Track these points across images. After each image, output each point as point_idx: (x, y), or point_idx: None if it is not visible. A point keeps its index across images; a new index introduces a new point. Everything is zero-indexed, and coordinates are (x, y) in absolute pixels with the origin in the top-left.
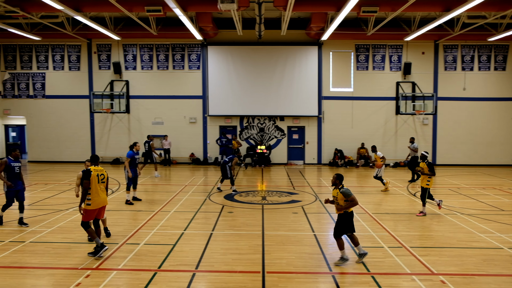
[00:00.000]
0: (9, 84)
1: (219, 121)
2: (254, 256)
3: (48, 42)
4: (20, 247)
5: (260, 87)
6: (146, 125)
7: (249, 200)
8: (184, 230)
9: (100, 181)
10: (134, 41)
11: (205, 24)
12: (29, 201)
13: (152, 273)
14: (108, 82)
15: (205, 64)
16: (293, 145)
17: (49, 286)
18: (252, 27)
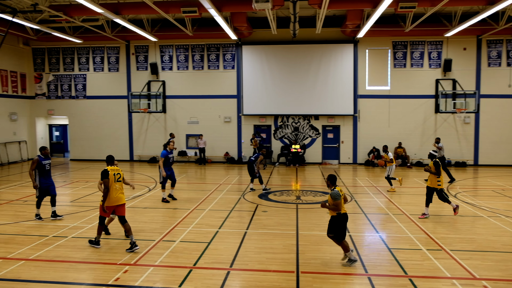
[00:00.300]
0: (53, 86)
1: (253, 120)
2: (288, 256)
3: (89, 45)
4: (62, 242)
5: (294, 86)
6: (181, 124)
7: (283, 199)
8: (218, 229)
9: (116, 180)
10: (171, 42)
11: (239, 24)
12: (71, 197)
13: (187, 270)
14: (146, 83)
15: (239, 63)
16: (328, 144)
17: (90, 280)
18: (286, 26)
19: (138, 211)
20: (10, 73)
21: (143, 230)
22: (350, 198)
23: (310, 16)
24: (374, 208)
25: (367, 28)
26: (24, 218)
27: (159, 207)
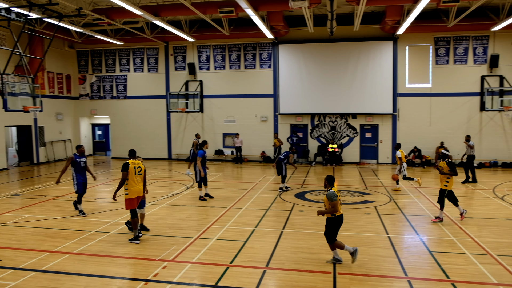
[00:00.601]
0: (96, 86)
1: (290, 120)
2: (325, 256)
3: (129, 46)
4: (104, 237)
5: (331, 84)
6: (218, 123)
7: (320, 199)
8: (255, 227)
9: (137, 173)
10: (208, 42)
11: (276, 22)
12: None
13: (224, 267)
14: (183, 83)
15: (276, 62)
16: (366, 143)
17: (130, 275)
18: (323, 24)
19: (176, 209)
20: (56, 75)
21: (181, 227)
22: (389, 198)
23: (347, 13)
24: (415, 209)
25: (407, 24)
26: (69, 214)
27: (196, 205)
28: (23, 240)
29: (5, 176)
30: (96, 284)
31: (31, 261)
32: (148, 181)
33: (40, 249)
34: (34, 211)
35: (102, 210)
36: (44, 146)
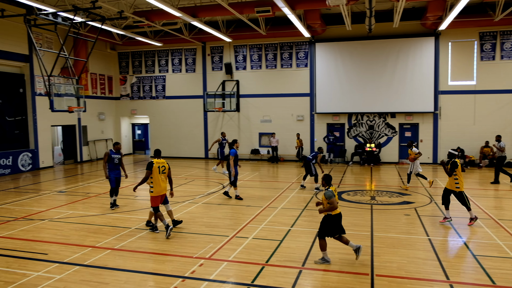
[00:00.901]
0: (136, 87)
1: (326, 119)
2: (362, 258)
3: (168, 48)
4: (143, 234)
5: (369, 83)
6: (255, 123)
7: (357, 199)
8: (291, 227)
9: (161, 172)
10: (244, 42)
11: (313, 21)
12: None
13: (260, 266)
14: (220, 82)
15: (312, 61)
16: (405, 143)
17: (168, 271)
18: (361, 21)
19: (212, 207)
20: (99, 76)
21: (217, 225)
22: (430, 199)
23: (386, 9)
24: (457, 211)
25: (450, 19)
26: (110, 211)
27: (232, 204)
28: (68, 235)
29: (51, 173)
30: (135, 280)
31: (75, 255)
32: (185, 180)
33: (83, 244)
34: (77, 207)
35: (142, 208)
36: (87, 145)
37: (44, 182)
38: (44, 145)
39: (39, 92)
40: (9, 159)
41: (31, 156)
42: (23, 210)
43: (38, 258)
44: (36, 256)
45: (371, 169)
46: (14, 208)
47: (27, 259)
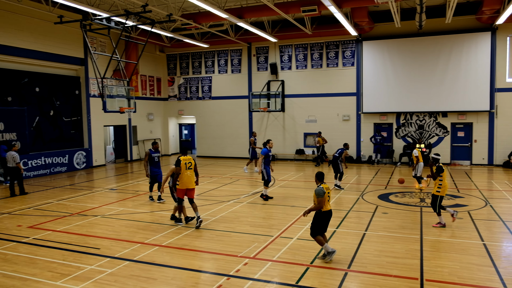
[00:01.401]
0: (183, 88)
1: (373, 119)
2: (411, 261)
3: (214, 49)
4: (190, 232)
5: (419, 81)
6: (300, 123)
7: (406, 201)
8: (336, 228)
9: (187, 167)
10: (290, 42)
11: (360, 19)
12: (197, 191)
13: (304, 267)
14: (265, 83)
15: (359, 60)
16: (458, 143)
17: (213, 269)
18: (411, 18)
19: (257, 207)
20: (148, 78)
21: (261, 225)
22: (485, 202)
23: (438, 5)
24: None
25: (508, 13)
26: (158, 208)
27: (276, 204)
28: (118, 231)
29: (103, 171)
30: (182, 276)
31: (125, 251)
32: (230, 179)
33: (132, 240)
34: (127, 204)
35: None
36: (136, 144)
37: (96, 180)
38: (97, 144)
39: (93, 93)
40: (65, 158)
41: (85, 154)
42: (77, 206)
43: (91, 252)
44: (90, 251)
45: None
46: (69, 204)
47: (81, 253)
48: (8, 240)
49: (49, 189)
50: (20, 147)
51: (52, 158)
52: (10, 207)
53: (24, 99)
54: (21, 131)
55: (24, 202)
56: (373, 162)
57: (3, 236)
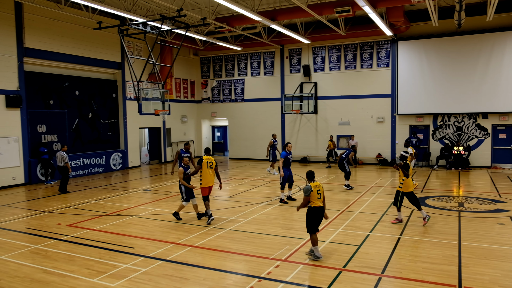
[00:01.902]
0: (216, 90)
1: (409, 120)
2: (449, 268)
3: (247, 51)
4: (222, 233)
5: (458, 81)
6: (332, 125)
7: (443, 205)
8: (369, 232)
9: (209, 167)
10: (323, 43)
11: (396, 19)
12: (229, 193)
13: (336, 271)
14: (298, 85)
15: (394, 60)
16: (499, 146)
17: (245, 270)
18: (449, 16)
19: (289, 209)
20: (182, 81)
21: (293, 228)
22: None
23: (478, 2)
24: None
25: None
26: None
27: None
28: (152, 231)
29: (138, 172)
30: (214, 277)
31: (158, 250)
32: (262, 182)
33: (166, 240)
34: (161, 205)
35: (220, 208)
36: (170, 146)
37: (132, 181)
38: (132, 146)
39: (129, 96)
40: (102, 159)
41: (121, 156)
42: (114, 206)
43: (126, 251)
44: (125, 249)
45: (459, 173)
46: (106, 203)
47: (117, 251)
48: (49, 237)
49: (87, 189)
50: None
51: (90, 159)
52: (51, 206)
53: (65, 102)
54: (61, 133)
55: (64, 201)
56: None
57: (44, 234)
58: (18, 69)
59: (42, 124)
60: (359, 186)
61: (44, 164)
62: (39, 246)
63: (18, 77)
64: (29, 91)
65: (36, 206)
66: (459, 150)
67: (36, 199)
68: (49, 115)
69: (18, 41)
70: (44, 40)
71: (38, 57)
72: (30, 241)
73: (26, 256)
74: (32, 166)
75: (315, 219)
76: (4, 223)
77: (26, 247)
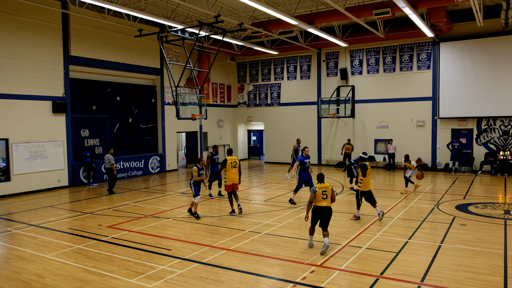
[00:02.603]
0: (252, 95)
1: (451, 124)
2: (493, 278)
3: (283, 56)
4: (257, 237)
5: (504, 83)
6: (370, 129)
7: (487, 213)
8: (408, 239)
9: (232, 166)
10: (361, 46)
11: (437, 19)
12: (265, 197)
13: (374, 278)
14: (335, 88)
15: (436, 62)
16: None
17: (279, 275)
18: (495, 16)
19: None
20: (219, 86)
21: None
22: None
23: None
24: None
25: None
26: (226, 213)
27: (345, 212)
28: (188, 233)
29: (175, 176)
30: (248, 281)
31: (194, 253)
32: None
33: (201, 243)
34: (198, 208)
35: (256, 212)
36: (207, 150)
37: (169, 184)
38: (170, 150)
39: (168, 101)
40: (141, 162)
41: (159, 159)
42: (151, 208)
43: (163, 253)
44: (162, 251)
45: (505, 179)
46: (144, 206)
47: (154, 253)
48: (90, 238)
49: (126, 192)
50: (102, 151)
51: (129, 163)
52: (92, 208)
53: (106, 108)
54: (103, 137)
55: (105, 203)
56: (450, 170)
57: (86, 234)
58: (64, 77)
59: (85, 128)
60: (397, 192)
61: (87, 167)
62: (81, 246)
63: (64, 84)
64: (73, 97)
65: (78, 207)
66: (506, 155)
67: (78, 200)
68: (91, 120)
69: (65, 50)
70: (88, 48)
71: (83, 65)
72: (72, 241)
73: (69, 256)
74: (75, 169)
75: (315, 216)
76: (49, 223)
77: (69, 247)
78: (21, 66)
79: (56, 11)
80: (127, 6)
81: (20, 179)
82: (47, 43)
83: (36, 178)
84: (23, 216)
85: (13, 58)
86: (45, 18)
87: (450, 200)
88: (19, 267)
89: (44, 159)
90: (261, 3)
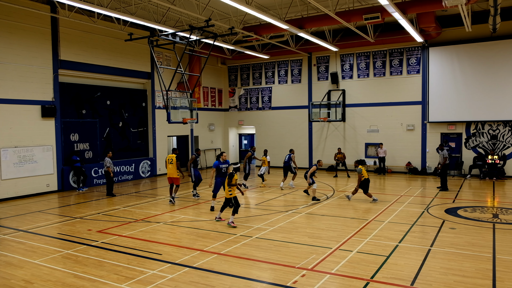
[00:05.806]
0: (243, 99)
1: (440, 128)
2: (482, 282)
3: (274, 60)
4: (248, 241)
5: (492, 88)
6: (361, 133)
7: (476, 216)
8: (398, 243)
9: (169, 162)
10: (351, 50)
11: (426, 24)
12: (256, 201)
13: (364, 282)
14: (326, 92)
15: (425, 67)
16: None
17: (271, 279)
18: (483, 21)
19: (316, 218)
20: (210, 89)
21: (320, 237)
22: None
23: None
24: None
25: None
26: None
27: (336, 215)
28: (179, 238)
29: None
30: (239, 285)
31: (185, 257)
32: (289, 190)
33: (192, 247)
34: (188, 212)
35: (247, 216)
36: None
37: (160, 188)
38: (161, 154)
39: (158, 105)
40: (132, 166)
41: (150, 163)
42: (142, 212)
43: (153, 258)
44: (152, 256)
45: (493, 183)
46: (135, 210)
47: (144, 258)
48: (80, 243)
49: (116, 196)
50: (92, 156)
51: (120, 167)
52: (82, 212)
53: (96, 112)
54: (93, 141)
55: (94, 208)
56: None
57: (75, 239)
58: (53, 81)
59: (75, 133)
60: (388, 195)
61: (77, 172)
62: (70, 251)
63: (53, 88)
64: (63, 101)
65: (68, 212)
66: (494, 159)
67: (68, 205)
68: (81, 124)
69: (54, 54)
70: (78, 52)
71: (72, 69)
72: (62, 246)
73: (58, 261)
74: (65, 174)
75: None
76: (38, 228)
77: (58, 252)
78: (9, 70)
79: (45, 15)
80: (117, 10)
81: (8, 184)
82: (36, 47)
83: (25, 183)
84: (11, 222)
85: (2, 62)
86: (34, 22)
87: (440, 204)
88: (7, 273)
89: (33, 164)
90: (252, 7)
